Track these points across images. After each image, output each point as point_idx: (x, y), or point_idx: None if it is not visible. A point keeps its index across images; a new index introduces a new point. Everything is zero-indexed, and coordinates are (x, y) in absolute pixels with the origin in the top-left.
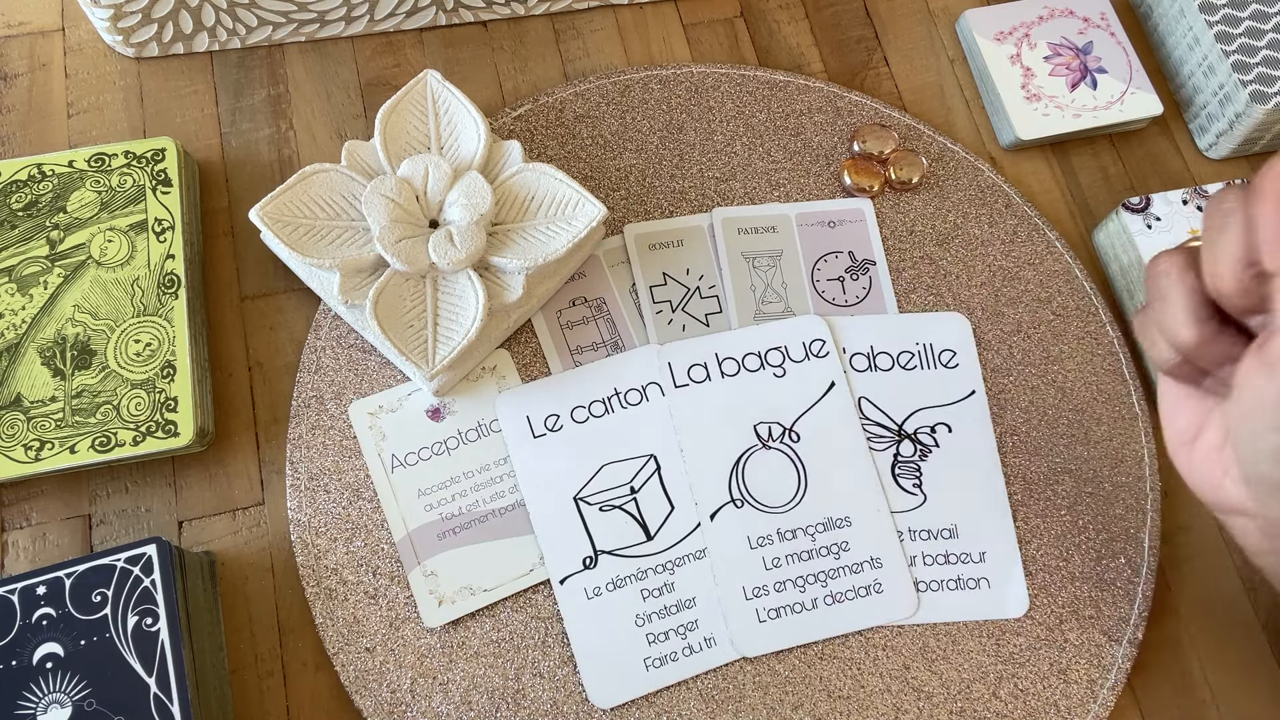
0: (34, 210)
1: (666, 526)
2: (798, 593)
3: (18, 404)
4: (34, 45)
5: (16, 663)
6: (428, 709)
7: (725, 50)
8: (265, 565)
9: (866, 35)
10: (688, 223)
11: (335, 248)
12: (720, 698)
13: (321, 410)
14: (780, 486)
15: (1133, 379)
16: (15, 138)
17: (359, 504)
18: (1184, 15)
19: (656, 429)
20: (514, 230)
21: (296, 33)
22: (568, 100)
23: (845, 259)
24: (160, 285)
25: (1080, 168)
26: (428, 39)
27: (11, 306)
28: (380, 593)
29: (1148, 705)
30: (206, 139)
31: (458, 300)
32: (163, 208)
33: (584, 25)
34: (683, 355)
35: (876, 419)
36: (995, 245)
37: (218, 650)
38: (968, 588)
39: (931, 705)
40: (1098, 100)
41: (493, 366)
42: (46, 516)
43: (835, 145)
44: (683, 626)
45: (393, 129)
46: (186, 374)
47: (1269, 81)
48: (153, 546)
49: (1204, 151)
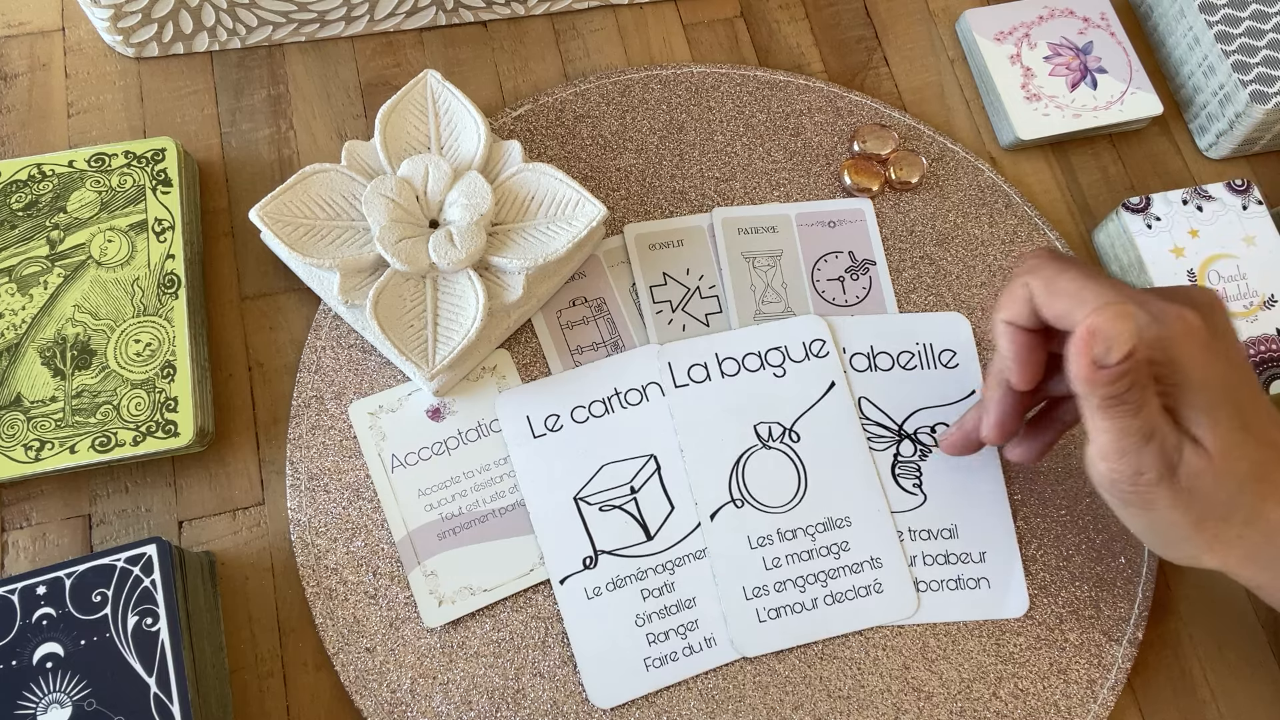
0: (34, 210)
1: (666, 526)
2: (798, 593)
3: (18, 404)
4: (34, 45)
5: (16, 663)
6: (428, 709)
7: (725, 50)
8: (265, 565)
9: (866, 35)
10: (688, 223)
11: (335, 248)
12: (720, 698)
13: (321, 410)
14: (780, 486)
15: None
16: (15, 138)
17: (359, 504)
18: (1184, 15)
19: (656, 429)
20: (514, 230)
21: (296, 33)
22: (568, 100)
23: (845, 259)
24: (160, 285)
25: (1080, 168)
26: (428, 39)
27: (11, 306)
28: (380, 593)
29: (1148, 705)
30: (206, 139)
31: (458, 300)
32: (163, 208)
33: (584, 25)
34: (683, 355)
35: (876, 419)
36: (995, 245)
37: (218, 650)
38: (968, 588)
39: (931, 705)
40: (1098, 100)
41: (493, 366)
42: (46, 516)
43: (835, 145)
44: (683, 626)
45: (393, 129)
46: (186, 374)
47: (1269, 81)
48: (153, 546)
49: (1204, 151)
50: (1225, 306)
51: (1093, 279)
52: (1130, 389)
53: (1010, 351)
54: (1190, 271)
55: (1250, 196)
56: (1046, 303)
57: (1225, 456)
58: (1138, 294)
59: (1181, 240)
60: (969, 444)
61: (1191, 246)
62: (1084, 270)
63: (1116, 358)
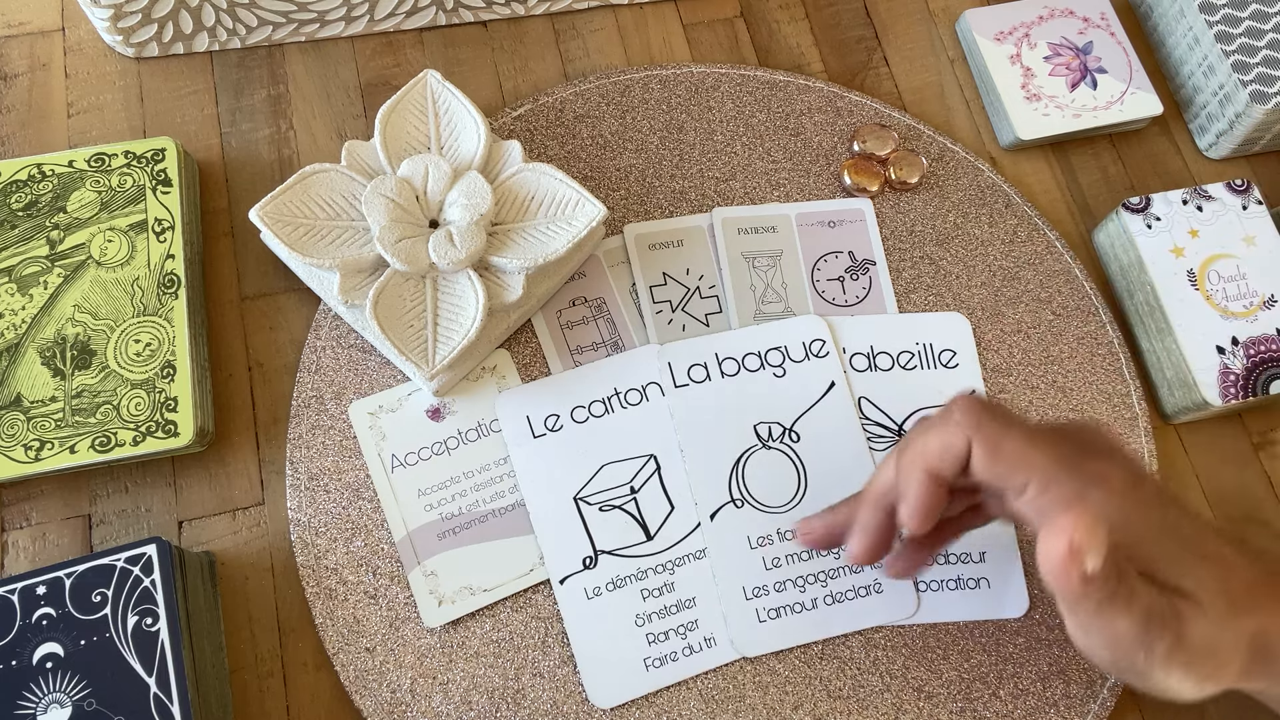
0: (34, 210)
1: (666, 526)
2: (798, 592)
3: (18, 404)
4: (34, 45)
5: (16, 663)
6: (428, 709)
7: (725, 50)
8: (265, 565)
9: (866, 35)
10: (688, 223)
11: (335, 248)
12: (720, 698)
13: (321, 410)
14: (780, 486)
15: (1133, 379)
16: (15, 138)
17: (359, 504)
18: (1184, 15)
19: (656, 429)
20: (514, 230)
21: (296, 33)
22: (568, 100)
23: (845, 259)
24: (160, 285)
25: (1080, 168)
26: (428, 39)
27: (11, 306)
28: (380, 593)
29: (1148, 705)
30: (206, 139)
31: (458, 300)
32: (163, 208)
33: (584, 25)
34: (683, 355)
35: (876, 419)
36: (995, 245)
37: (218, 650)
38: (968, 587)
39: (931, 705)
40: (1098, 100)
41: (493, 366)
42: (46, 516)
43: (835, 145)
44: (683, 626)
45: (393, 129)
46: (186, 374)
47: (1269, 81)
48: (153, 546)
49: (1204, 151)
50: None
51: (1032, 443)
52: (1120, 580)
53: (920, 500)
54: (1190, 271)
55: (1250, 196)
56: (987, 464)
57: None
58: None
59: (1181, 240)
60: (831, 543)
61: (1191, 246)
62: (1022, 429)
63: (1097, 564)
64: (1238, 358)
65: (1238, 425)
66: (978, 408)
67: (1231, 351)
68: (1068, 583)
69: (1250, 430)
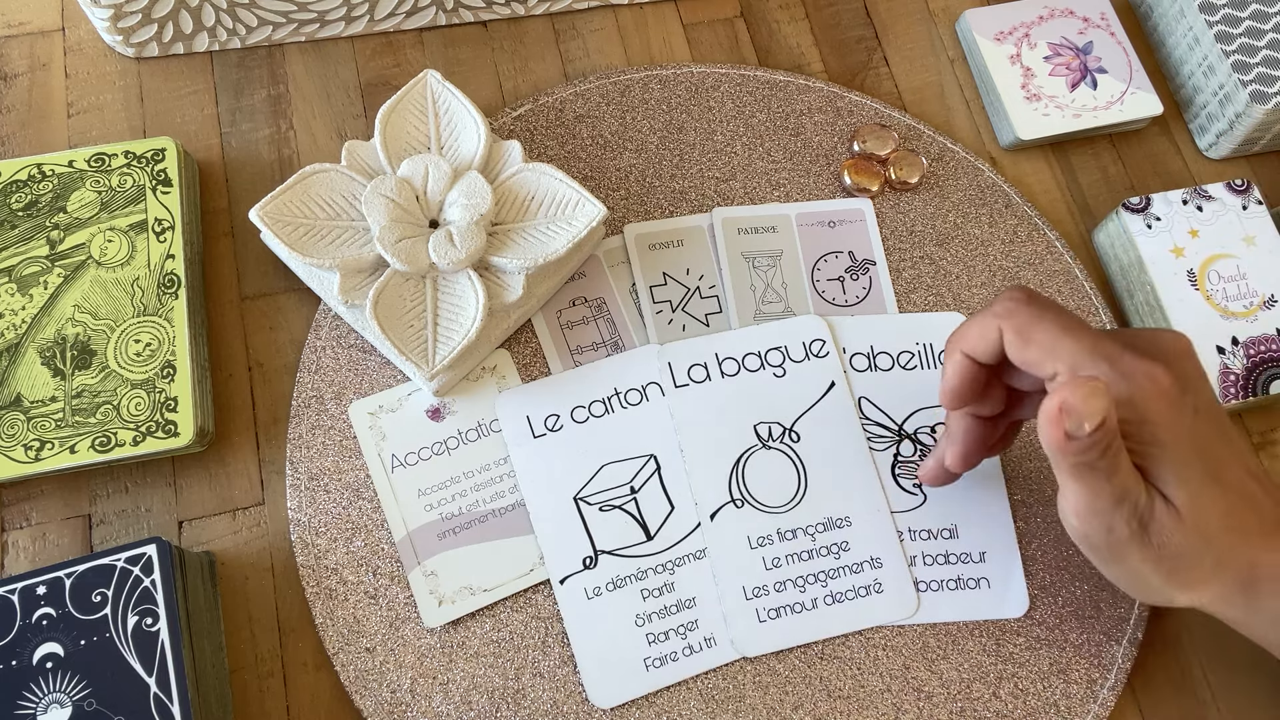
0: (34, 210)
1: (666, 526)
2: (798, 593)
3: (18, 404)
4: (34, 45)
5: (16, 663)
6: (428, 709)
7: (725, 50)
8: (265, 565)
9: (866, 35)
10: (688, 223)
11: (335, 248)
12: (720, 698)
13: (321, 410)
14: (780, 486)
15: None
16: (15, 138)
17: (359, 504)
18: (1184, 15)
19: (656, 429)
20: (514, 230)
21: (296, 33)
22: (568, 100)
23: (845, 259)
24: (160, 285)
25: (1080, 168)
26: (428, 39)
27: (11, 306)
28: (380, 593)
29: (1148, 705)
30: (206, 139)
31: (458, 300)
32: (163, 208)
33: (584, 25)
34: (683, 355)
35: (876, 419)
36: (995, 245)
37: (218, 650)
38: (968, 588)
39: (931, 705)
40: (1098, 100)
41: (493, 366)
42: (46, 516)
43: (835, 145)
44: (683, 626)
45: (393, 129)
46: (186, 374)
47: (1269, 81)
48: (153, 546)
49: (1204, 151)
50: (1194, 351)
51: (1068, 331)
52: (1102, 455)
53: (951, 379)
54: (1190, 271)
55: (1250, 196)
56: (1018, 350)
57: (1194, 513)
58: (1107, 345)
59: (1181, 240)
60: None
61: (1191, 246)
62: (1059, 319)
63: (1088, 430)
64: (1238, 358)
65: (1238, 425)
66: (1019, 296)
67: (1231, 351)
68: (1049, 435)
69: (1250, 430)
